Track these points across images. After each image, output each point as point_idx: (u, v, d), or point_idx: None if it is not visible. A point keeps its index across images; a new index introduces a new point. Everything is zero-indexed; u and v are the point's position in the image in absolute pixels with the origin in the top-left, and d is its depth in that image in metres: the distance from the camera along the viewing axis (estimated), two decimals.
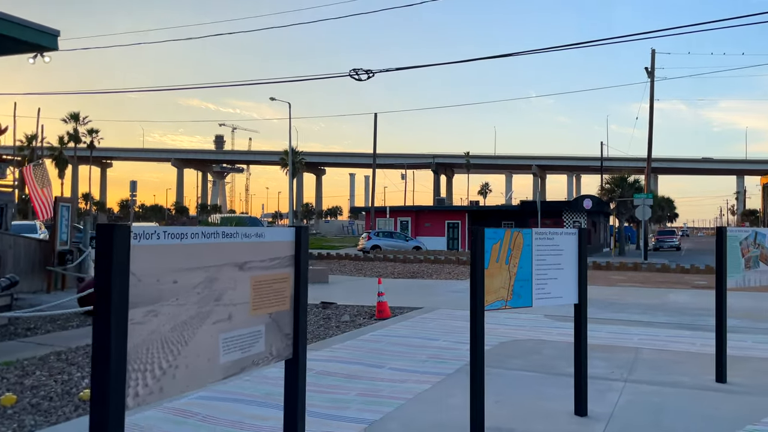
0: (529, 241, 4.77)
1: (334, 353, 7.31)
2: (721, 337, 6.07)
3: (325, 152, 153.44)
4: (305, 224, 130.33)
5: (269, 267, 2.81)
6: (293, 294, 2.94)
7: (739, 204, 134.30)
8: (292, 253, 2.95)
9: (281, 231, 2.93)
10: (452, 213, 42.31)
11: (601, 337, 8.49)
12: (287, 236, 2.93)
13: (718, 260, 6.15)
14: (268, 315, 2.79)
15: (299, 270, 2.95)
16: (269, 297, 2.80)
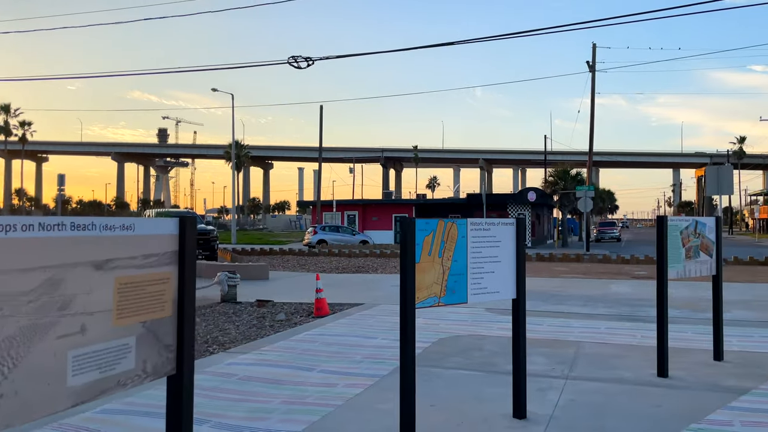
0: (464, 233, 4.41)
1: (262, 356, 6.81)
2: (662, 331, 5.89)
3: (272, 146, 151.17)
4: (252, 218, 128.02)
5: (142, 266, 2.32)
6: (176, 297, 2.46)
7: (675, 196, 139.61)
8: (175, 249, 2.47)
9: (159, 223, 2.44)
10: (400, 206, 42.08)
11: (543, 330, 8.28)
12: (167, 229, 2.45)
13: (659, 251, 5.96)
14: (140, 324, 2.30)
15: (184, 268, 2.47)
16: (142, 302, 2.31)
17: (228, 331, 8.55)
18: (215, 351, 7.26)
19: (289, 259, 24.27)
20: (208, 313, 10.19)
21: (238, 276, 11.40)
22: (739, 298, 11.63)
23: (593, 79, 33.52)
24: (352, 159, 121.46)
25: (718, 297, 6.54)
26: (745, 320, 9.04)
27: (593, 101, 33.32)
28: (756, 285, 14.18)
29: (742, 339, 7.59)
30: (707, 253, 6.53)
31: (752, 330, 8.21)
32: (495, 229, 4.62)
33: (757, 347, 7.17)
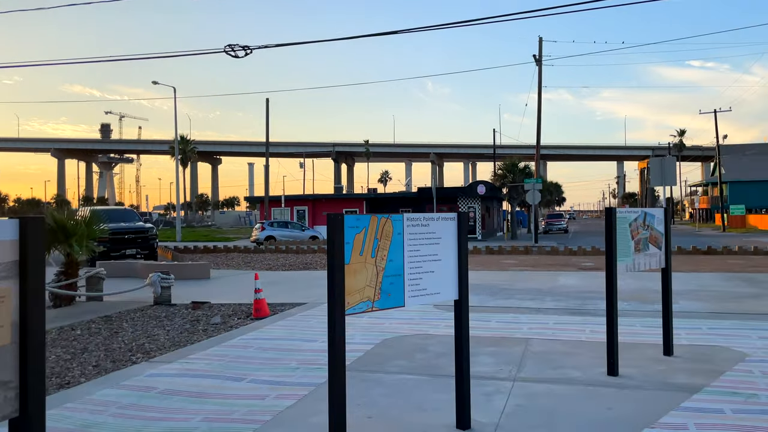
0: (400, 229, 3.99)
1: (189, 365, 6.25)
2: (612, 329, 5.62)
3: (220, 141, 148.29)
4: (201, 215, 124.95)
5: None
6: (19, 320, 1.93)
7: (619, 188, 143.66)
8: (16, 258, 1.94)
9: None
10: (350, 201, 41.60)
11: (491, 328, 7.97)
12: (4, 233, 1.92)
13: (608, 245, 5.68)
14: None
15: (28, 283, 1.94)
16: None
17: (156, 338, 7.92)
18: (138, 360, 6.65)
19: (234, 256, 23.48)
20: (138, 317, 9.50)
21: (172, 276, 10.71)
22: (685, 288, 11.66)
23: (540, 72, 33.77)
24: (303, 154, 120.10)
25: (667, 290, 6.34)
26: (692, 311, 8.96)
27: (540, 94, 33.57)
28: (700, 274, 14.34)
29: (691, 332, 7.45)
30: (656, 246, 6.32)
31: (700, 322, 8.11)
32: (434, 225, 4.21)
33: (705, 340, 7.03)
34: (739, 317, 8.43)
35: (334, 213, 3.64)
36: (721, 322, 8.05)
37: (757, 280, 12.88)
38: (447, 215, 4.33)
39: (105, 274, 11.40)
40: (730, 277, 13.66)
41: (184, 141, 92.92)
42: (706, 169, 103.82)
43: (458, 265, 4.36)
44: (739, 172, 71.51)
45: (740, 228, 54.79)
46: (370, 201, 41.53)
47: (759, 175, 71.60)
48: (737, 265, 16.83)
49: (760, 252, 20.14)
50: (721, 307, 9.33)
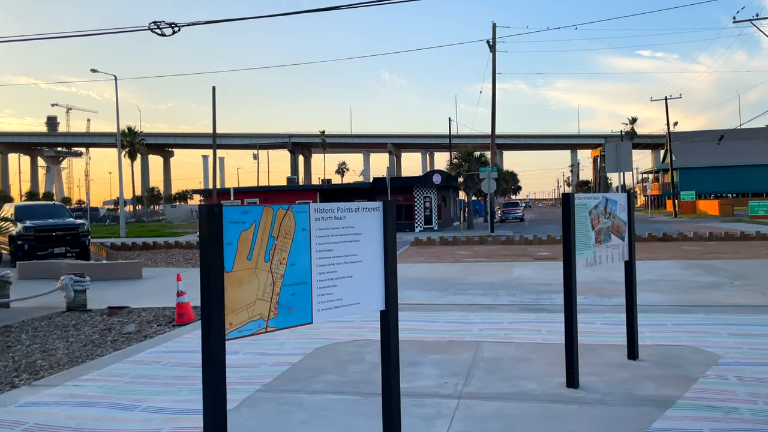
0: (305, 224, 3.09)
1: (77, 389, 5.23)
2: (571, 335, 4.86)
3: (171, 133, 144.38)
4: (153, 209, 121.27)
5: None
6: None
7: (573, 176, 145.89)
8: None
9: None
10: (303, 192, 40.40)
11: (438, 329, 7.16)
12: None
13: (566, 237, 4.91)
14: None
15: None
16: None
17: (54, 352, 6.84)
18: (20, 383, 5.59)
19: (175, 253, 22.17)
20: (42, 326, 8.35)
21: (87, 279, 9.56)
22: (644, 277, 11.12)
23: (494, 58, 33.22)
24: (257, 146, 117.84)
25: (631, 287, 5.63)
26: (654, 305, 8.36)
27: (494, 80, 33.05)
28: (658, 263, 13.90)
29: (655, 329, 6.80)
30: (619, 236, 5.59)
31: (663, 317, 7.48)
32: (353, 218, 3.33)
33: (671, 339, 6.37)
34: (704, 310, 7.85)
35: (209, 203, 2.72)
36: (686, 317, 7.44)
37: (716, 268, 12.48)
38: (369, 205, 3.46)
39: (11, 277, 10.16)
40: (688, 264, 13.25)
41: (132, 133, 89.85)
42: (656, 157, 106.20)
43: (385, 268, 3.49)
44: (688, 159, 73.12)
45: (691, 213, 55.86)
46: (323, 192, 40.44)
47: (708, 161, 73.34)
48: (693, 252, 16.55)
49: (715, 238, 20.02)
50: (683, 300, 8.76)
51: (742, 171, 72.40)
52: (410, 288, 10.77)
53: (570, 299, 4.82)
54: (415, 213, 38.36)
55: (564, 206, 4.93)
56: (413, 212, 38.40)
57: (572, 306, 4.82)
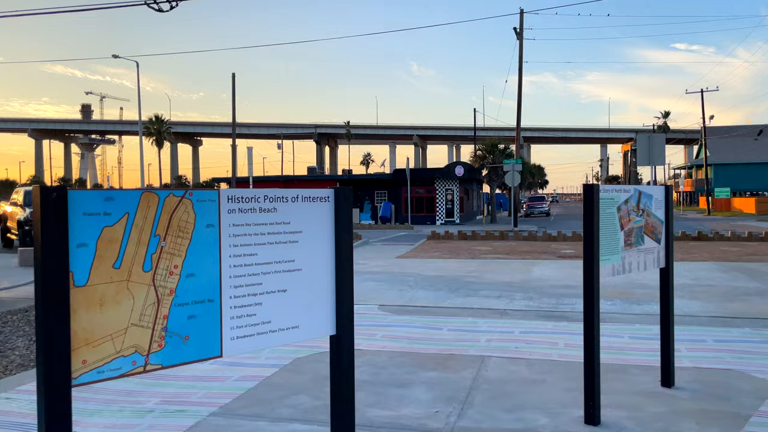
0: (211, 217, 2.21)
1: None
2: (592, 361, 3.91)
3: (200, 122, 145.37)
4: None
5: None
6: None
7: (603, 171, 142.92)
8: None
9: None
10: (324, 182, 39.62)
11: (440, 339, 6.25)
12: None
13: (588, 238, 3.95)
14: None
15: None
16: None
17: (9, 353, 6.11)
18: None
19: None
20: (14, 320, 7.66)
21: None
22: (679, 281, 10.04)
23: (521, 46, 31.95)
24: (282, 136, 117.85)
25: (667, 301, 4.64)
26: (691, 314, 7.31)
27: (521, 69, 31.79)
28: (693, 264, 12.75)
29: (694, 346, 5.80)
30: (654, 237, 4.61)
31: (703, 331, 6.45)
32: (289, 210, 2.45)
33: (713, 360, 5.37)
34: (750, 324, 6.80)
35: (48, 186, 1.85)
36: (730, 332, 6.40)
37: (759, 272, 11.31)
38: (314, 193, 2.57)
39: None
40: (727, 267, 12.08)
41: (159, 121, 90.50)
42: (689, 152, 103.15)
43: (337, 278, 2.60)
44: (724, 155, 70.55)
45: (725, 211, 53.79)
46: (344, 183, 39.62)
47: (744, 158, 70.68)
48: (732, 252, 15.31)
49: (755, 238, 18.67)
50: (724, 309, 7.70)
51: None
52: (418, 287, 9.87)
53: (591, 317, 3.87)
54: (437, 206, 37.35)
55: (586, 201, 3.97)
56: (434, 205, 37.39)
57: (593, 325, 3.87)
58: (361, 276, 11.37)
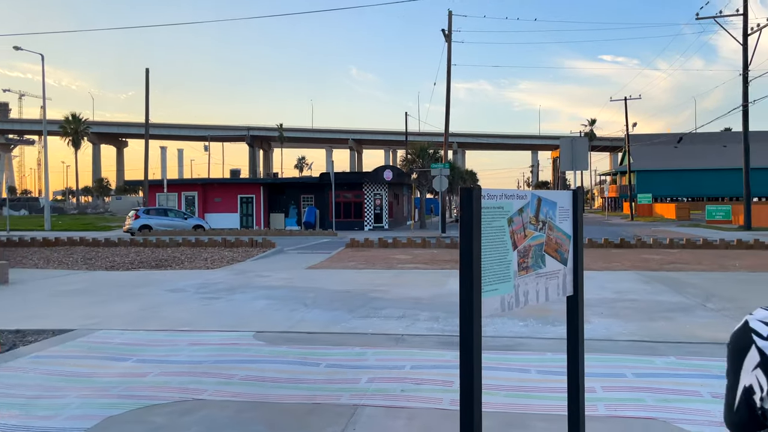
0: None
1: None
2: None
3: (124, 122, 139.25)
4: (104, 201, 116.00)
5: None
6: None
7: (533, 176, 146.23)
8: None
9: None
10: (246, 186, 37.78)
11: (313, 380, 5.05)
12: None
13: (465, 264, 2.84)
14: None
15: None
16: None
17: None
18: None
19: (80, 250, 19.55)
20: None
21: None
22: (600, 295, 9.27)
23: (449, 49, 31.34)
24: (211, 137, 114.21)
25: (576, 342, 3.60)
26: (610, 339, 6.41)
27: (449, 72, 31.18)
28: (615, 274, 12.11)
29: (611, 384, 4.83)
30: (558, 258, 3.56)
31: (622, 361, 5.52)
32: None
33: (633, 403, 4.40)
34: (674, 349, 5.94)
35: None
36: (653, 361, 5.50)
37: (681, 283, 10.72)
38: None
39: None
40: (649, 278, 11.47)
41: (76, 120, 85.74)
42: (614, 159, 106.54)
43: None
44: (646, 162, 72.93)
45: (647, 216, 55.29)
46: (268, 186, 37.95)
47: (665, 165, 73.31)
48: (654, 261, 14.87)
49: (676, 245, 18.47)
50: (647, 331, 6.86)
51: (698, 175, 72.58)
52: (314, 306, 8.66)
53: (470, 379, 2.75)
54: (365, 211, 36.28)
55: (464, 211, 2.85)
56: (363, 210, 36.31)
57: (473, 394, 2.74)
58: (256, 292, 10.06)
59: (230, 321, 7.63)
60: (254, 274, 12.85)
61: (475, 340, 2.77)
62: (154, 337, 6.72)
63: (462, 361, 2.79)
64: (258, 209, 36.82)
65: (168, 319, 7.84)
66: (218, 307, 8.70)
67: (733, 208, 38.23)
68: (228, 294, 9.93)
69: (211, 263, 15.56)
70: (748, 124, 30.01)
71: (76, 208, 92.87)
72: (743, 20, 29.88)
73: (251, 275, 12.58)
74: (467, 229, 2.86)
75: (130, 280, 12.32)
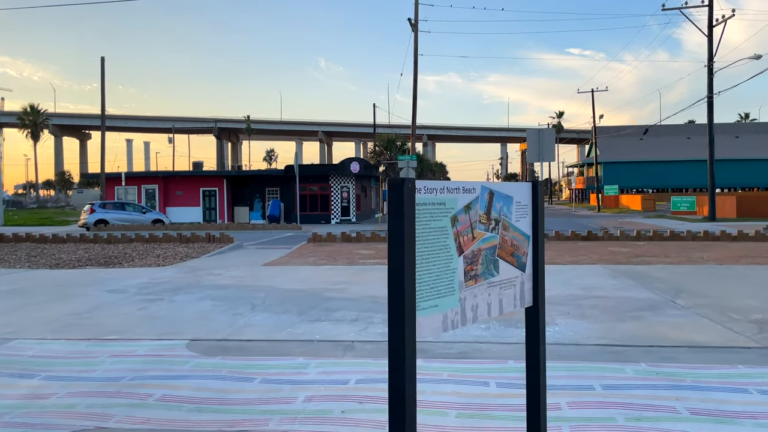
0: None
1: None
2: None
3: (87, 114, 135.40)
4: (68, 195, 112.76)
5: None
6: None
7: (503, 169, 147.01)
8: None
9: None
10: (208, 179, 36.70)
11: (242, 399, 4.42)
12: None
13: (394, 274, 2.26)
14: None
15: None
16: None
17: None
18: None
19: (25, 247, 18.48)
20: None
21: None
22: (567, 292, 8.81)
23: (416, 38, 30.74)
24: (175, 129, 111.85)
25: (537, 361, 3.05)
26: (577, 344, 5.91)
27: (416, 61, 30.59)
28: (582, 268, 11.71)
29: (577, 399, 4.31)
30: (515, 263, 2.99)
31: (590, 370, 5.01)
32: None
33: (603, 423, 3.88)
34: (645, 354, 5.46)
35: None
36: (623, 369, 5.01)
37: (649, 277, 10.35)
38: None
39: None
40: (616, 272, 11.09)
41: (35, 112, 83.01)
42: (582, 151, 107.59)
43: None
44: (612, 154, 73.61)
45: (614, 208, 55.71)
46: (232, 179, 36.96)
47: (631, 156, 74.11)
48: (621, 254, 14.55)
49: (643, 237, 18.25)
50: (616, 333, 6.39)
51: (663, 166, 73.57)
52: (262, 308, 8.01)
53: (401, 420, 2.16)
54: (332, 204, 35.58)
55: (392, 209, 2.27)
56: (329, 203, 35.61)
57: None
58: (203, 292, 9.37)
59: (165, 327, 6.94)
60: (205, 272, 12.12)
61: (407, 381, 2.20)
62: (74, 348, 6.01)
63: (391, 406, 2.21)
64: (221, 202, 35.82)
65: (98, 325, 7.12)
66: (157, 311, 7.99)
67: (697, 199, 38.57)
68: (171, 295, 9.21)
69: (163, 260, 14.74)
70: (713, 116, 30.12)
71: (36, 202, 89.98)
72: (708, 11, 29.92)
73: (202, 273, 11.85)
74: (396, 232, 2.28)
75: (72, 279, 11.48)
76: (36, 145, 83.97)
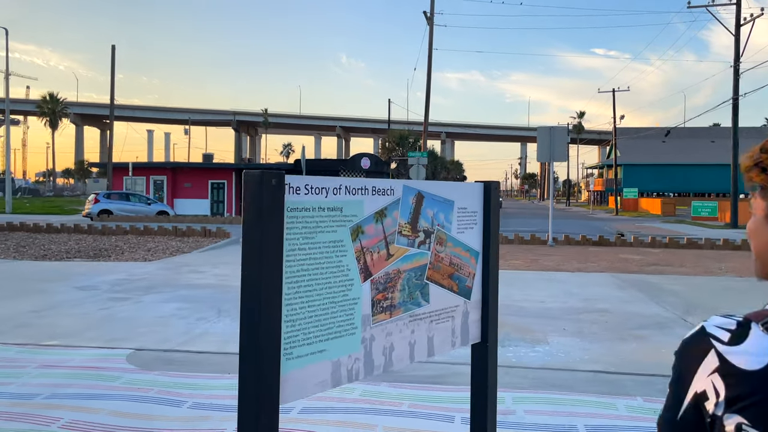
0: None
1: None
2: None
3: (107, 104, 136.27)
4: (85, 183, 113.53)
5: None
6: None
7: (521, 168, 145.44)
8: None
9: None
10: (217, 172, 36.24)
11: (162, 429, 3.76)
12: None
13: (248, 311, 1.56)
14: None
15: None
16: None
17: None
18: None
19: (15, 236, 18.06)
20: None
21: None
22: (565, 303, 8.05)
23: (431, 32, 29.94)
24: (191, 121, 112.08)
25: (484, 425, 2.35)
26: (567, 367, 5.16)
27: (431, 55, 29.80)
28: (589, 276, 10.91)
29: None
30: (454, 286, 2.27)
31: (577, 405, 4.26)
32: None
33: None
34: (642, 386, 4.71)
35: None
36: (615, 405, 4.26)
37: (660, 289, 9.54)
38: None
39: None
40: (625, 282, 10.28)
41: (54, 100, 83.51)
42: (602, 152, 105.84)
43: None
44: (633, 156, 72.04)
45: (633, 211, 54.41)
46: (240, 172, 36.46)
47: (652, 159, 72.47)
48: (632, 262, 13.70)
49: (658, 244, 17.32)
50: (614, 355, 5.63)
51: (686, 170, 71.82)
52: (227, 314, 7.38)
53: None
54: None
55: (248, 216, 1.58)
56: None
57: None
58: (175, 292, 8.76)
59: (117, 332, 6.32)
60: (189, 268, 11.53)
61: None
62: (3, 354, 5.40)
63: None
64: (230, 195, 35.36)
65: (50, 326, 6.53)
66: (118, 312, 7.39)
67: (719, 205, 37.30)
68: (141, 295, 8.61)
69: (153, 254, 14.19)
70: (737, 118, 28.95)
71: (52, 190, 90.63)
72: (736, 9, 28.74)
73: (185, 270, 11.26)
74: (251, 250, 1.58)
75: (49, 272, 10.95)
76: (54, 134, 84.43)
